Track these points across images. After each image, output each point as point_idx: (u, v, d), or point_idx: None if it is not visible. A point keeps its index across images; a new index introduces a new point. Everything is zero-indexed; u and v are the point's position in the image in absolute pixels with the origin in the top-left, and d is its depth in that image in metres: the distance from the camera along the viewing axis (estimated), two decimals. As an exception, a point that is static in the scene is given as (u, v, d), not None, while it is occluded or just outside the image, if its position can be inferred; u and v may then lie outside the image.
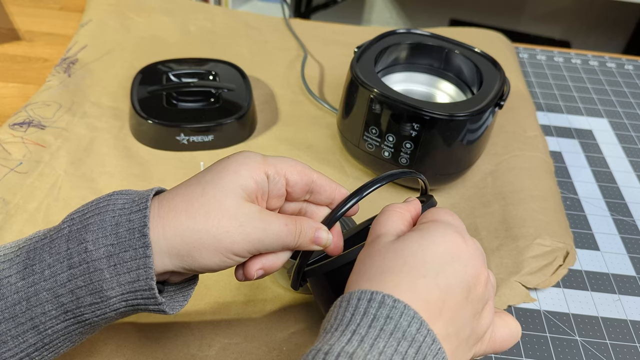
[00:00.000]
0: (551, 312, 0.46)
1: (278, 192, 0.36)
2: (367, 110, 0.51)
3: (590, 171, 0.62)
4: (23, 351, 0.31)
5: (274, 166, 0.35)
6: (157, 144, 0.58)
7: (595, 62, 0.82)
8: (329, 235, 0.36)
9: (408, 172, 0.38)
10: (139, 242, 0.31)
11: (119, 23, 0.77)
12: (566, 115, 0.70)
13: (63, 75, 0.66)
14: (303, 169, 0.36)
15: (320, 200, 0.37)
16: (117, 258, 0.31)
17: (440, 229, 0.31)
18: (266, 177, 0.34)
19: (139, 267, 0.31)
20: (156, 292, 0.31)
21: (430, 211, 0.34)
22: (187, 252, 0.32)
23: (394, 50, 0.58)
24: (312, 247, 0.36)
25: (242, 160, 0.34)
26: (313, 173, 0.36)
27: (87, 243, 0.31)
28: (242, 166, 0.34)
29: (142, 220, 0.31)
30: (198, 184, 0.33)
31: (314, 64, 0.73)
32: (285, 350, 0.41)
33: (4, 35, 0.74)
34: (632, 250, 0.53)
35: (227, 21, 0.81)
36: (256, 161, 0.35)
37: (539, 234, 0.50)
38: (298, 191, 0.36)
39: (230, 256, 0.33)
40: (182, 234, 0.32)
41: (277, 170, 0.35)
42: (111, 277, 0.30)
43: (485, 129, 0.51)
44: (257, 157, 0.35)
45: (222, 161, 0.35)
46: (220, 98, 0.60)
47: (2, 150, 0.55)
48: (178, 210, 0.32)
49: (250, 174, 0.34)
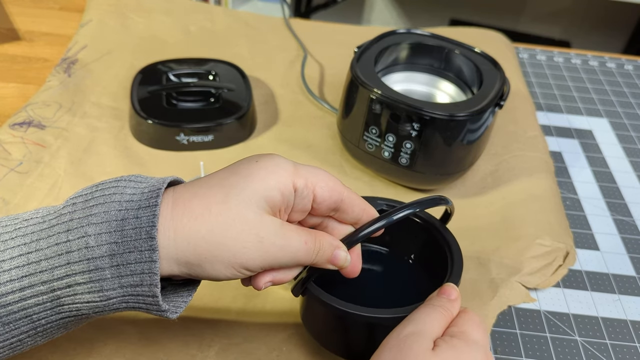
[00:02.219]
0: (551, 312, 0.46)
1: (303, 207, 0.33)
2: (367, 110, 0.51)
3: (590, 171, 0.62)
4: (14, 337, 0.30)
5: (304, 179, 0.32)
6: (157, 144, 0.58)
7: (595, 62, 0.82)
8: (348, 256, 0.34)
9: (439, 201, 0.37)
10: (146, 245, 0.28)
11: (119, 23, 0.77)
12: (566, 115, 0.70)
13: (63, 75, 0.66)
14: (335, 186, 0.33)
15: (345, 219, 0.35)
16: (120, 258, 0.28)
17: (473, 353, 0.31)
18: (294, 189, 0.32)
19: (143, 272, 0.29)
20: (159, 300, 0.30)
21: (465, 320, 0.33)
22: (198, 262, 0.30)
23: (394, 50, 0.58)
24: (328, 267, 0.34)
25: (272, 168, 0.32)
26: (344, 190, 0.34)
27: (89, 238, 0.28)
28: (270, 175, 0.31)
29: (151, 220, 0.29)
30: (221, 188, 0.31)
31: (314, 64, 0.73)
32: (285, 351, 0.41)
33: (4, 35, 0.74)
34: (632, 250, 0.53)
35: (227, 21, 0.81)
36: (287, 170, 0.32)
37: (539, 234, 0.50)
38: (324, 208, 0.34)
39: (242, 271, 0.31)
40: (195, 242, 0.29)
41: (307, 184, 0.32)
42: (113, 277, 0.29)
43: (485, 129, 0.51)
44: (288, 166, 0.32)
45: (249, 164, 0.32)
46: (220, 98, 0.60)
47: (2, 150, 0.55)
48: (194, 214, 0.30)
49: (278, 185, 0.31)
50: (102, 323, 0.41)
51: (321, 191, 0.33)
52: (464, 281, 0.47)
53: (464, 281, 0.47)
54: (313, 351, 0.41)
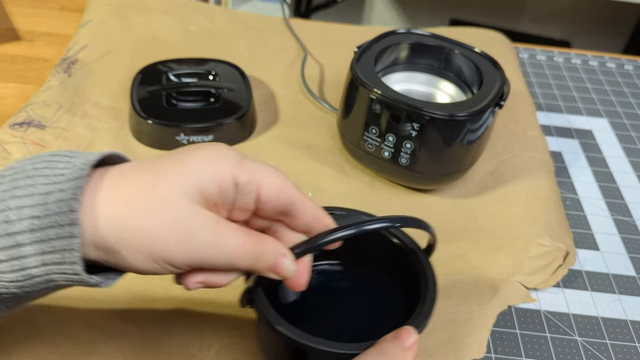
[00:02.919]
0: (551, 312, 0.46)
1: (245, 205, 0.30)
2: (367, 110, 0.51)
3: (590, 171, 0.62)
4: None
5: (248, 174, 0.29)
6: (157, 144, 0.58)
7: (595, 62, 0.82)
8: (293, 266, 0.30)
9: (413, 222, 0.33)
10: (66, 219, 0.26)
11: (119, 23, 0.77)
12: (566, 115, 0.70)
13: (63, 75, 0.66)
14: (284, 186, 0.30)
15: (296, 226, 0.32)
16: (41, 233, 0.26)
17: None
18: (234, 184, 0.29)
19: (64, 249, 0.26)
20: (84, 277, 0.27)
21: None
22: (117, 250, 0.27)
23: (394, 50, 0.58)
24: (270, 275, 0.30)
25: (212, 158, 0.29)
26: (295, 193, 0.30)
27: (10, 212, 0.26)
28: (209, 165, 0.28)
29: (74, 192, 0.26)
30: (152, 171, 0.28)
31: (314, 64, 0.73)
32: (285, 350, 0.41)
33: (4, 35, 0.74)
34: (632, 250, 0.53)
35: (227, 21, 0.81)
36: (229, 162, 0.29)
37: (539, 234, 0.50)
38: (269, 210, 0.30)
39: (165, 265, 0.28)
40: (117, 228, 0.27)
41: (251, 180, 0.29)
42: (35, 254, 0.26)
43: (485, 129, 0.51)
44: (232, 158, 0.29)
45: (189, 150, 0.29)
46: (220, 98, 0.60)
47: (2, 150, 0.55)
48: (120, 197, 0.27)
49: (216, 177, 0.28)
50: (102, 323, 0.41)
51: (267, 190, 0.30)
52: (464, 281, 0.47)
53: (464, 281, 0.47)
54: (313, 351, 0.41)
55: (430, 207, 0.54)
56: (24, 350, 0.38)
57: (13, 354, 0.38)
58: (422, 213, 0.53)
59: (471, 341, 0.42)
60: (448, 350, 0.41)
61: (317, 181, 0.56)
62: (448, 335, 0.42)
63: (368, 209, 0.53)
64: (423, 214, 0.53)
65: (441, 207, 0.54)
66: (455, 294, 0.46)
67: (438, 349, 0.42)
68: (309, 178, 0.56)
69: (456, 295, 0.46)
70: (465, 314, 0.44)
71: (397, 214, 0.35)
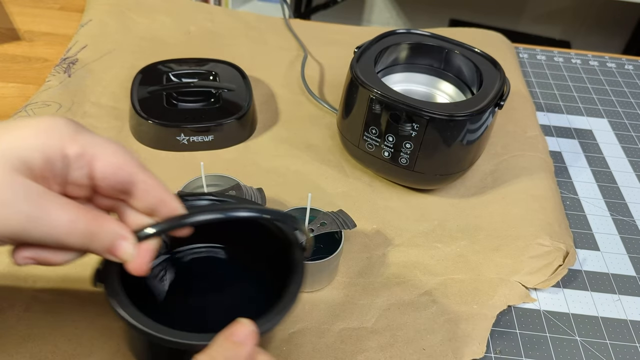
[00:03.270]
0: (551, 312, 0.47)
1: (78, 180, 0.28)
2: (367, 110, 0.51)
3: (590, 171, 0.62)
4: None
5: (81, 147, 0.27)
6: (157, 144, 0.58)
7: (595, 62, 0.82)
8: (132, 250, 0.29)
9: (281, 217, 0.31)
10: None
11: (119, 23, 0.77)
12: (566, 115, 0.70)
13: (63, 75, 0.66)
14: (124, 164, 0.28)
15: (137, 207, 0.30)
16: None
17: None
18: (62, 156, 0.27)
19: None
20: None
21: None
22: None
23: (394, 50, 0.58)
24: (107, 257, 0.29)
25: (42, 128, 0.27)
26: (138, 173, 0.29)
27: None
28: (36, 134, 0.27)
29: None
30: None
31: (314, 64, 0.73)
32: (285, 350, 0.41)
33: (4, 35, 0.74)
34: (632, 250, 0.53)
35: (227, 21, 0.81)
36: (60, 133, 0.27)
37: (539, 234, 0.50)
38: (106, 188, 0.29)
39: None
40: None
41: (84, 154, 0.27)
42: None
43: (485, 129, 0.51)
44: (63, 129, 0.27)
45: (21, 119, 0.28)
46: (220, 98, 0.60)
47: (2, 150, 0.55)
48: None
49: (42, 147, 0.26)
50: (102, 323, 0.41)
51: (102, 166, 0.28)
52: (464, 282, 0.47)
53: (464, 282, 0.47)
54: (313, 351, 0.41)
55: (430, 207, 0.54)
56: (24, 350, 0.38)
57: (14, 354, 0.38)
58: (422, 213, 0.53)
59: (471, 341, 0.42)
60: (448, 349, 0.42)
61: (317, 181, 0.56)
62: (448, 334, 0.43)
63: (368, 208, 0.53)
64: (423, 214, 0.53)
65: (441, 207, 0.54)
66: (455, 294, 0.46)
67: (438, 348, 0.42)
68: (309, 178, 0.56)
69: (456, 295, 0.46)
70: (465, 314, 0.44)
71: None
